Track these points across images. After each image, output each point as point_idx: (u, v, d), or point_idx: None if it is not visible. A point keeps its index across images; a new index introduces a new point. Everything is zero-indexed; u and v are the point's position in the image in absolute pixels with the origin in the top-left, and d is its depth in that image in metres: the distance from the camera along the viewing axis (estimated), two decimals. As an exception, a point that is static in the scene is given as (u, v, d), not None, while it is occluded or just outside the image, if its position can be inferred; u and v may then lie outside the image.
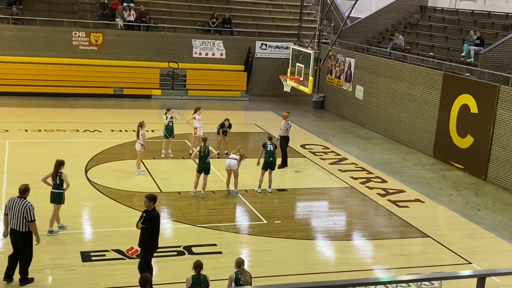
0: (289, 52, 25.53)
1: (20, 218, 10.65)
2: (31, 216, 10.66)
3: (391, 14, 30.38)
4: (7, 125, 21.75)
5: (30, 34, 27.95)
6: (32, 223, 10.70)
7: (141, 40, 29.51)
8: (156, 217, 10.79)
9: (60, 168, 12.78)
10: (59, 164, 12.80)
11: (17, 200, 10.76)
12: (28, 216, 10.64)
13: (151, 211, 10.79)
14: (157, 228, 10.82)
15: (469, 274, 5.82)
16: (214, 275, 10.44)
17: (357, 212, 16.13)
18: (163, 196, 16.07)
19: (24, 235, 10.73)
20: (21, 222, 10.66)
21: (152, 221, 10.70)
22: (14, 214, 10.67)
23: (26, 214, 10.63)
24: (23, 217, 10.64)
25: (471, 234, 15.04)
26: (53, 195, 12.84)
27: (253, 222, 14.81)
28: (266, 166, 16.67)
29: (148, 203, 10.78)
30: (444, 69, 21.72)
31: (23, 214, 10.64)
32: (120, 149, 19.82)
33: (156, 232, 10.83)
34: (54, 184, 12.80)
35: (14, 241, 10.85)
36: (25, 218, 10.63)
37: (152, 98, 28.99)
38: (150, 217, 10.71)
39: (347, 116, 27.51)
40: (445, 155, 21.10)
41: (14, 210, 10.69)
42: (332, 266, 12.89)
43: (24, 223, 10.65)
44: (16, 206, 10.68)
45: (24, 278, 10.95)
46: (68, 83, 27.91)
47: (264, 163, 16.70)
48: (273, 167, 16.71)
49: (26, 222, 10.65)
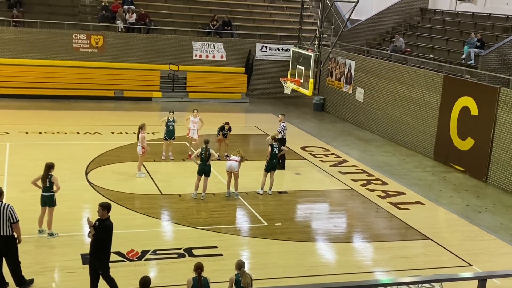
0: (289, 54, 25.54)
1: (2, 222, 10.45)
2: (15, 217, 10.54)
3: (391, 17, 30.40)
4: (7, 127, 21.76)
5: (30, 36, 27.98)
6: (17, 224, 10.59)
7: (142, 43, 29.53)
8: (109, 226, 10.26)
9: (50, 171, 12.69)
10: (48, 167, 12.72)
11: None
12: (13, 217, 10.49)
13: (104, 220, 10.26)
14: (109, 238, 10.32)
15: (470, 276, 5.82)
16: (214, 277, 10.42)
17: (358, 214, 16.12)
18: (163, 199, 16.09)
19: (8, 239, 10.56)
20: (4, 225, 10.47)
21: (105, 231, 10.22)
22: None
23: (10, 216, 10.47)
24: (6, 220, 10.47)
25: (472, 236, 15.03)
26: (44, 198, 12.74)
27: (254, 224, 14.81)
28: (269, 168, 16.68)
29: (101, 212, 10.20)
30: (444, 71, 21.73)
31: (6, 217, 10.47)
32: (121, 151, 19.82)
33: (108, 243, 10.33)
34: (44, 187, 12.70)
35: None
36: (9, 220, 10.46)
37: (153, 100, 29.00)
38: (102, 226, 10.21)
39: (348, 118, 27.51)
40: (446, 157, 21.10)
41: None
42: (332, 268, 12.88)
43: (8, 226, 10.48)
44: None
45: (21, 281, 10.87)
46: (68, 86, 27.92)
47: (267, 165, 16.71)
48: (275, 169, 16.75)
49: (9, 225, 10.47)
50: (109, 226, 10.27)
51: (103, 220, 10.27)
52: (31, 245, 12.51)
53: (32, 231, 12.73)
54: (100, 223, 10.27)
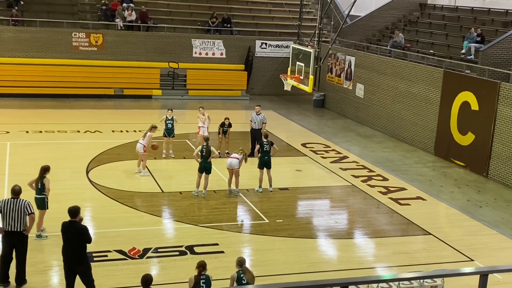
0: (289, 51, 25.52)
1: (18, 218, 10.60)
2: (31, 208, 10.74)
3: (390, 12, 30.35)
4: (8, 126, 21.76)
5: (30, 35, 27.96)
6: (32, 215, 10.77)
7: (141, 41, 29.51)
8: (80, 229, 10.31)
9: (45, 173, 12.65)
10: (44, 170, 12.67)
11: (13, 201, 10.70)
12: (29, 209, 10.68)
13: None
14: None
15: (471, 271, 5.81)
16: (216, 274, 10.43)
17: (359, 210, 16.12)
18: (164, 196, 16.10)
19: (23, 235, 10.71)
20: (21, 221, 10.64)
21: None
22: (13, 215, 10.59)
23: (27, 209, 10.65)
24: (23, 216, 10.61)
25: (473, 231, 15.03)
26: (36, 201, 12.66)
27: (255, 221, 14.82)
28: (262, 164, 16.68)
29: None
30: (444, 66, 21.71)
31: (23, 212, 10.61)
32: (121, 150, 19.82)
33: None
34: (36, 190, 12.69)
35: (11, 243, 10.76)
36: (26, 214, 10.62)
37: (153, 98, 28.99)
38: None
39: (348, 115, 27.50)
40: (446, 152, 21.09)
41: (11, 211, 10.59)
42: (334, 264, 12.89)
43: (23, 222, 10.63)
44: (13, 206, 10.62)
45: (23, 279, 10.94)
46: (68, 84, 27.92)
47: (260, 161, 16.72)
48: (269, 165, 16.71)
49: (25, 220, 10.62)
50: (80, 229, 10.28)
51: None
52: (32, 244, 12.51)
53: (33, 230, 12.70)
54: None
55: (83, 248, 10.26)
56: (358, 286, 8.26)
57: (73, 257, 10.24)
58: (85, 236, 10.24)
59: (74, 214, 10.23)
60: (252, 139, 19.85)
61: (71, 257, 10.25)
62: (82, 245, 10.23)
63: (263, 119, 19.80)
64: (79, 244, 10.21)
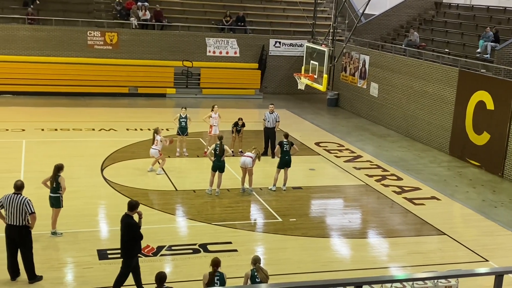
0: (303, 49, 25.48)
1: (18, 213, 10.78)
2: (31, 208, 10.85)
3: (405, 11, 30.19)
4: (23, 124, 21.94)
5: (45, 34, 28.17)
6: (33, 215, 10.88)
7: (155, 39, 29.62)
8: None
9: (58, 172, 12.73)
10: (58, 168, 12.75)
11: (14, 197, 10.88)
12: (29, 209, 10.81)
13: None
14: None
15: (486, 271, 5.77)
16: (230, 273, 10.45)
17: (373, 210, 16.07)
18: (178, 194, 16.15)
19: (22, 229, 10.87)
20: (19, 217, 10.80)
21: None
22: (13, 210, 10.79)
23: (26, 208, 10.79)
24: (23, 212, 10.77)
25: (488, 231, 14.92)
26: (51, 199, 12.80)
27: (268, 220, 14.82)
28: (282, 164, 16.66)
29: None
30: (459, 65, 21.55)
31: (23, 209, 10.76)
32: (136, 148, 19.91)
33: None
34: (51, 188, 12.79)
35: (12, 238, 10.93)
36: (25, 212, 10.76)
37: (167, 96, 29.09)
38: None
39: (362, 114, 27.40)
40: (461, 152, 20.95)
41: (12, 206, 10.80)
42: (347, 264, 12.86)
43: (24, 217, 10.79)
44: (14, 202, 10.81)
45: (33, 275, 11.04)
46: (83, 83, 28.10)
47: (280, 161, 16.71)
48: (289, 165, 16.71)
49: (25, 216, 10.78)
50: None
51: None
52: (47, 241, 12.63)
53: (48, 228, 12.83)
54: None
55: (130, 242, 10.48)
56: (372, 286, 8.23)
57: (122, 249, 10.58)
58: (133, 232, 10.44)
59: (131, 209, 10.57)
60: (266, 138, 19.85)
61: (122, 249, 10.60)
62: (130, 239, 10.47)
63: (277, 117, 19.79)
64: (128, 237, 10.46)
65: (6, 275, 11.06)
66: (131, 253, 10.59)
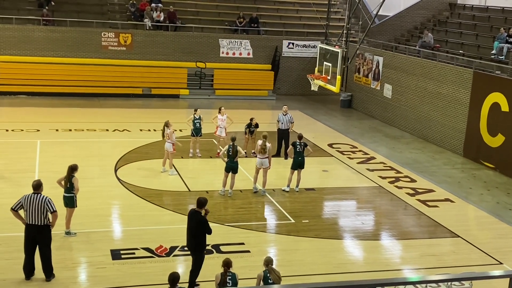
0: (316, 51, 25.46)
1: (39, 212, 10.85)
2: (53, 207, 10.96)
3: (420, 12, 30.08)
4: (38, 125, 22.12)
5: (60, 35, 28.37)
6: (55, 213, 11.00)
7: (169, 40, 29.73)
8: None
9: (72, 172, 12.82)
10: (71, 169, 12.84)
11: (34, 196, 10.96)
12: (50, 207, 10.91)
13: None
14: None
15: (500, 274, 5.73)
16: (242, 274, 10.47)
17: (386, 212, 16.01)
18: (191, 195, 16.18)
19: (43, 228, 10.96)
20: (40, 216, 10.87)
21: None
22: (33, 210, 10.86)
23: (48, 207, 10.88)
24: (44, 211, 10.85)
25: (502, 234, 14.81)
26: (65, 199, 12.89)
27: (281, 221, 14.82)
28: (296, 165, 16.65)
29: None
30: (474, 67, 21.42)
31: (44, 208, 10.85)
32: (149, 148, 20.00)
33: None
34: (65, 188, 12.88)
35: (32, 237, 11.01)
36: (46, 211, 10.86)
37: (180, 97, 29.19)
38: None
39: (375, 115, 27.32)
40: (476, 154, 20.81)
41: (32, 206, 10.86)
42: (360, 266, 12.82)
43: (45, 216, 10.88)
44: (34, 202, 10.88)
45: (50, 272, 11.16)
46: (97, 83, 28.25)
47: (293, 162, 16.70)
48: (302, 166, 16.69)
49: (46, 215, 10.88)
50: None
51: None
52: (61, 241, 12.72)
53: (62, 228, 12.91)
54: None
55: (201, 238, 10.91)
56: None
57: (194, 245, 10.95)
58: (203, 228, 10.87)
59: (200, 205, 10.97)
60: (279, 139, 19.85)
61: (192, 244, 11.01)
62: (199, 235, 10.88)
63: (290, 119, 19.78)
64: (197, 233, 10.88)
65: (21, 275, 11.14)
66: (203, 248, 11.02)
